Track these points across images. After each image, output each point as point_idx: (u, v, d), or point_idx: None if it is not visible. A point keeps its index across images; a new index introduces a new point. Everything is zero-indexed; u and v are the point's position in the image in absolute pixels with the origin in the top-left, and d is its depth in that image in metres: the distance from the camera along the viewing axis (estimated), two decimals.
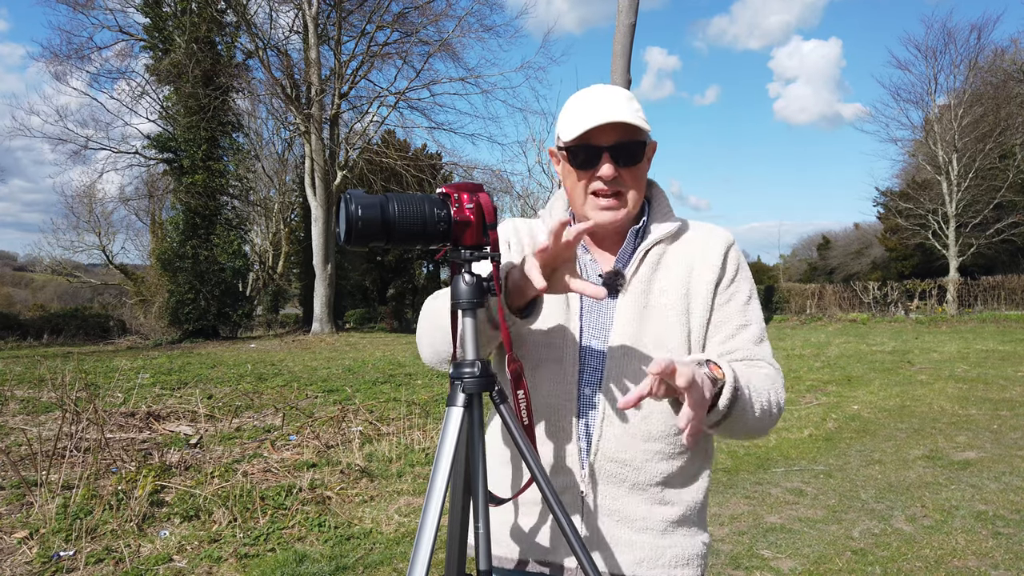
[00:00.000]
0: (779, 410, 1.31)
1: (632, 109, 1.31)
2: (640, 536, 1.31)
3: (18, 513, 4.19)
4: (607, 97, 1.33)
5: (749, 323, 1.37)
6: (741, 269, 1.41)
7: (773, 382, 1.31)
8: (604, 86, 1.38)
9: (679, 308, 1.34)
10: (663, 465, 1.31)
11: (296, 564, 3.55)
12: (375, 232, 1.08)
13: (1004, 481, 4.92)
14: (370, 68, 24.26)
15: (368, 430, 6.24)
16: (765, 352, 1.38)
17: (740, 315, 1.37)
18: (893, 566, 3.54)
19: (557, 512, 1.13)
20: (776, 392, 1.30)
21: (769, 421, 1.28)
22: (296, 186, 30.46)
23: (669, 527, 1.33)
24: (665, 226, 1.40)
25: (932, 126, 26.98)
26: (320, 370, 11.76)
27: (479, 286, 1.15)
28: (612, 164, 1.30)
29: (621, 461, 1.30)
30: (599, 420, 1.31)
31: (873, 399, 8.29)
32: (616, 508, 1.32)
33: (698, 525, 1.38)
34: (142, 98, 23.70)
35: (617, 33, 11.94)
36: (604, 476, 1.31)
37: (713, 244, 1.40)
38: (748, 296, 1.39)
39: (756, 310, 1.40)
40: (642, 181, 1.36)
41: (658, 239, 1.38)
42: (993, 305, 23.64)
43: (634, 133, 1.31)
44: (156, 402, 7.81)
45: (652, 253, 1.38)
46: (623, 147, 1.30)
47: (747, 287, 1.40)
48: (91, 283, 32.88)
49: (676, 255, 1.39)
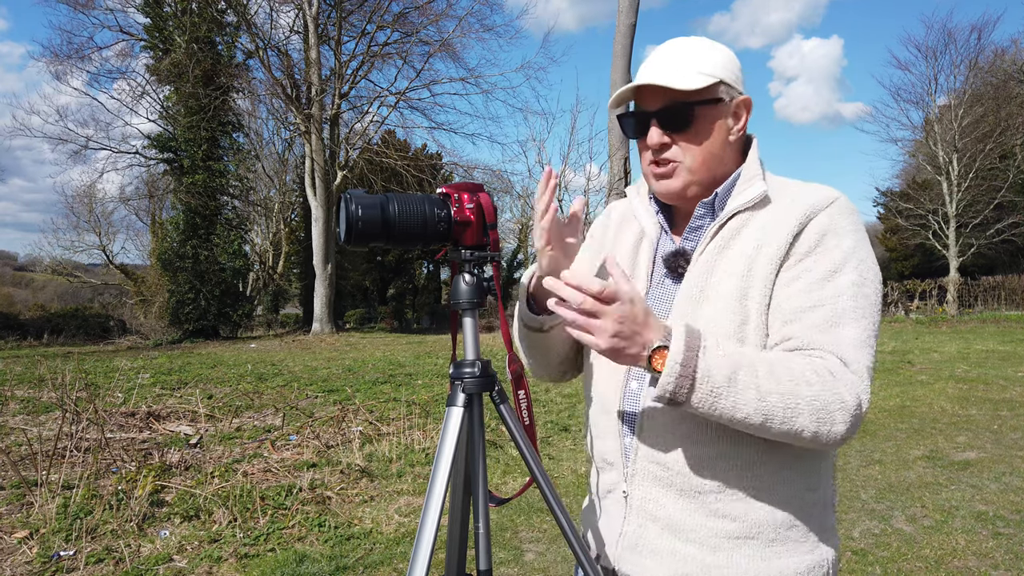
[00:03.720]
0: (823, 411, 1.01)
1: (691, 64, 1.15)
2: (686, 548, 1.16)
3: (18, 513, 4.19)
4: (666, 53, 1.19)
5: (819, 304, 1.08)
6: (828, 238, 1.11)
7: (820, 377, 1.02)
8: (676, 40, 1.23)
9: (735, 292, 1.13)
10: (715, 473, 1.14)
11: (296, 564, 3.55)
12: (375, 232, 1.08)
13: (1004, 481, 4.92)
14: (370, 68, 24.32)
15: (368, 430, 6.24)
16: (835, 340, 1.06)
17: (805, 295, 1.09)
18: (893, 566, 3.54)
19: (557, 512, 1.13)
20: (822, 387, 1.01)
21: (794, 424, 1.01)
22: (296, 186, 30.49)
23: (726, 543, 1.14)
24: (746, 194, 1.18)
25: (932, 126, 26.97)
26: (320, 370, 11.76)
27: (479, 286, 1.15)
28: (660, 130, 1.17)
29: (663, 463, 1.17)
30: (641, 417, 1.19)
31: (873, 399, 8.24)
32: (662, 514, 1.18)
33: (779, 543, 1.15)
34: (142, 98, 23.75)
35: (617, 34, 11.95)
36: (648, 478, 1.18)
37: (795, 209, 1.14)
38: (830, 271, 1.09)
39: (836, 290, 1.08)
40: (706, 148, 1.18)
41: (735, 211, 1.18)
42: (993, 305, 23.63)
43: (685, 96, 1.15)
44: (156, 402, 7.81)
45: (727, 228, 1.18)
46: (671, 111, 1.16)
47: (830, 260, 1.10)
48: (91, 283, 32.89)
49: (754, 228, 1.16)
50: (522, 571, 3.57)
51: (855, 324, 1.07)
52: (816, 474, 1.19)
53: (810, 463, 1.18)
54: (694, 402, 1.01)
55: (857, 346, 1.06)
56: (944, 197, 26.64)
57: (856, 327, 1.07)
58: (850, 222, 1.13)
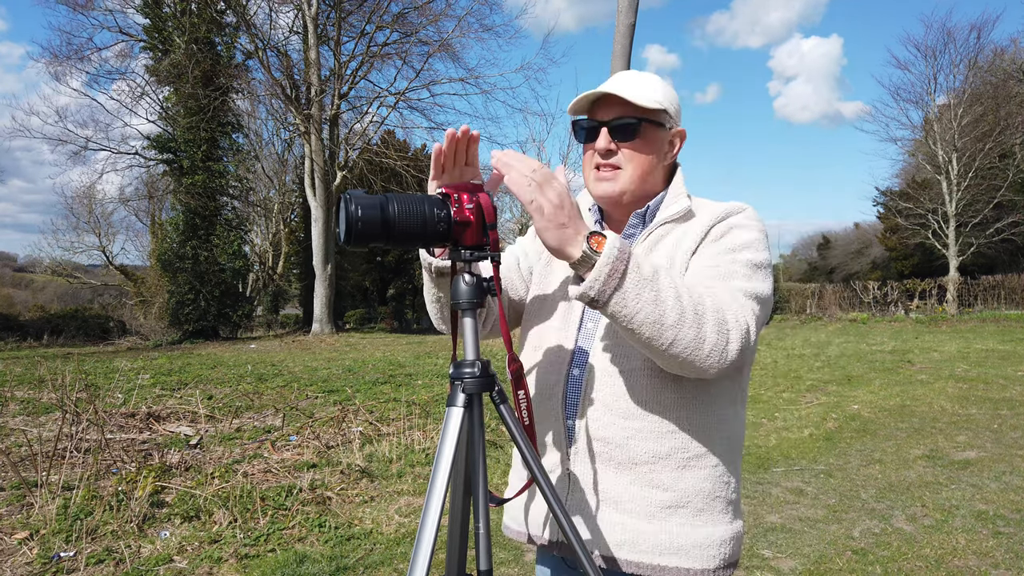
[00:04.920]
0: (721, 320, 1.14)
1: (644, 88, 1.34)
2: (624, 518, 1.29)
3: (18, 514, 4.19)
4: (624, 75, 1.39)
5: (718, 266, 1.26)
6: (735, 230, 1.31)
7: (718, 296, 1.18)
8: (634, 72, 1.42)
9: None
10: (648, 445, 1.28)
11: (296, 565, 3.55)
12: (375, 232, 1.08)
13: (1004, 480, 4.92)
14: (370, 68, 24.30)
15: (368, 430, 6.24)
16: (727, 287, 1.22)
17: (709, 262, 1.28)
18: (893, 566, 3.54)
19: (557, 512, 1.13)
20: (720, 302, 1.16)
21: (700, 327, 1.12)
22: (296, 186, 30.48)
23: (660, 512, 1.28)
24: (672, 208, 1.38)
25: (932, 126, 26.98)
26: (320, 370, 11.76)
27: (479, 286, 1.15)
28: (609, 138, 1.34)
29: (603, 439, 1.30)
30: (583, 399, 1.32)
31: (873, 399, 8.29)
32: (602, 488, 1.31)
33: (706, 512, 1.30)
34: (142, 99, 23.74)
35: (617, 34, 11.94)
36: (590, 455, 1.32)
37: (710, 214, 1.35)
38: (730, 249, 1.28)
39: (734, 260, 1.26)
40: (644, 160, 1.36)
41: (663, 221, 1.37)
42: (993, 304, 23.63)
43: (636, 112, 1.33)
44: (156, 403, 7.81)
45: (655, 235, 1.37)
46: (622, 123, 1.34)
47: (732, 242, 1.29)
48: (91, 284, 32.87)
49: (676, 234, 1.36)
50: (522, 571, 3.57)
51: (747, 281, 1.24)
52: (723, 449, 1.33)
53: (718, 439, 1.32)
54: (623, 290, 1.09)
55: (746, 295, 1.22)
56: (944, 196, 26.66)
57: (745, 282, 1.24)
58: (756, 224, 1.33)
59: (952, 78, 27.17)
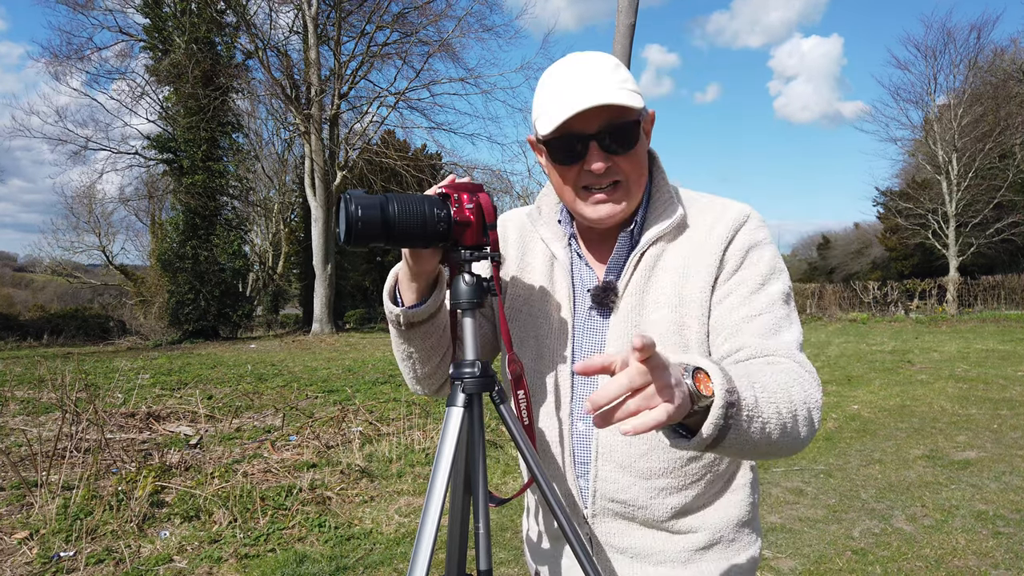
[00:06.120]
0: (809, 413, 0.99)
1: (617, 81, 1.08)
2: (658, 569, 1.21)
3: (18, 514, 4.19)
4: (586, 72, 1.09)
5: (758, 313, 1.10)
6: (752, 252, 1.14)
7: (797, 379, 1.00)
8: (582, 56, 1.12)
9: (672, 325, 1.14)
10: (672, 500, 1.18)
11: (296, 564, 3.55)
12: (375, 232, 1.08)
13: (1004, 481, 4.92)
14: (370, 68, 24.31)
15: (368, 430, 6.24)
16: (782, 344, 1.07)
17: (743, 306, 1.11)
18: (893, 566, 3.54)
19: (558, 513, 1.12)
20: (803, 389, 0.99)
21: (797, 432, 0.96)
22: (296, 186, 30.48)
23: (694, 555, 1.20)
24: (663, 222, 1.17)
25: (932, 126, 26.97)
26: (320, 370, 11.75)
27: (479, 286, 1.15)
28: (602, 153, 1.09)
29: (623, 502, 1.19)
30: (594, 458, 1.19)
31: (873, 399, 8.28)
32: (628, 545, 1.21)
33: (736, 541, 1.22)
34: (142, 98, 23.76)
35: (617, 34, 11.93)
36: (609, 515, 1.21)
37: (716, 233, 1.16)
38: (758, 284, 1.12)
39: (770, 298, 1.11)
40: (642, 165, 1.15)
41: (654, 239, 1.17)
42: (993, 305, 23.62)
43: (624, 112, 1.08)
44: (156, 402, 7.81)
45: (648, 256, 1.18)
46: (613, 131, 1.09)
47: (757, 273, 1.13)
48: (91, 284, 32.88)
49: (675, 254, 1.17)
50: (522, 571, 3.57)
51: (792, 329, 1.11)
52: (752, 472, 1.26)
53: (738, 464, 1.23)
54: (737, 430, 0.86)
55: (800, 348, 1.10)
56: (944, 196, 26.65)
57: (792, 331, 1.11)
58: (765, 235, 1.18)
59: (952, 78, 27.19)
